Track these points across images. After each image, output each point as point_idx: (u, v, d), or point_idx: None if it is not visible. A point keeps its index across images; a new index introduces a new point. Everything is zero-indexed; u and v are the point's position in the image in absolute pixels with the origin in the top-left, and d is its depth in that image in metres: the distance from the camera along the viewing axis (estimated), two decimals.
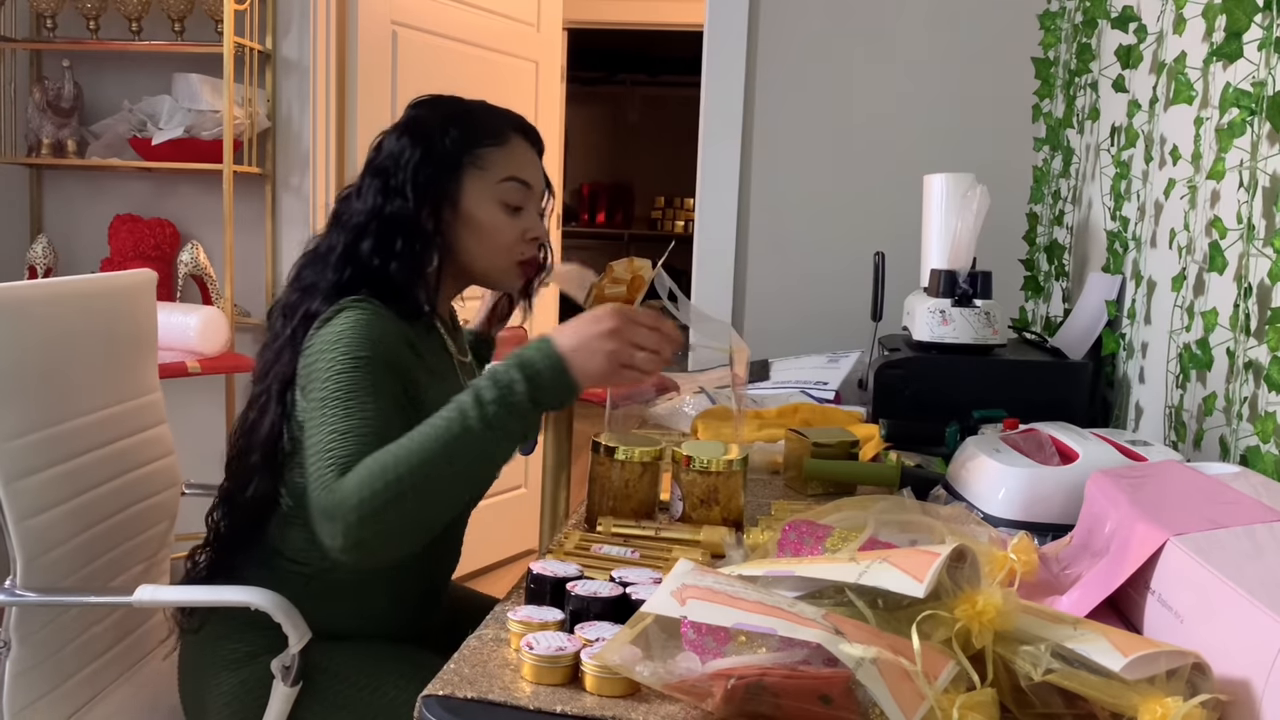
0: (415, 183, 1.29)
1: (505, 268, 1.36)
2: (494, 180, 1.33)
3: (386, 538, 1.08)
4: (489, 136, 1.34)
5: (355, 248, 1.29)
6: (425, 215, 1.29)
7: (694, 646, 0.75)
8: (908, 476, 1.37)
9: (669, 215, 7.17)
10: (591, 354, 1.10)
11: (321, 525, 1.08)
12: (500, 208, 1.34)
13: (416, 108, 1.37)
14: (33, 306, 1.37)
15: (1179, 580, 0.79)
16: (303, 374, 1.22)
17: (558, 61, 3.70)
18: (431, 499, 1.08)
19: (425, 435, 1.08)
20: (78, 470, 1.42)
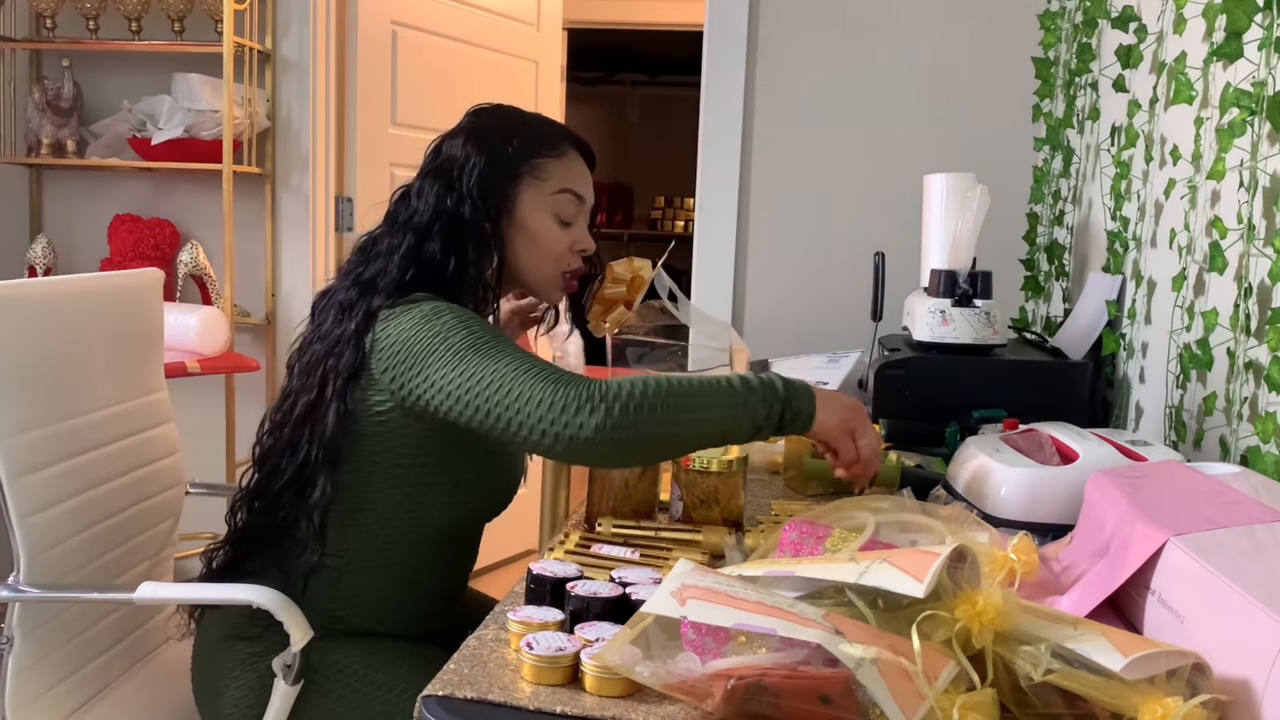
0: (478, 187, 1.31)
1: (551, 277, 1.38)
2: (550, 191, 1.35)
3: (639, 439, 1.10)
4: (548, 148, 1.36)
5: (420, 247, 1.30)
6: (485, 219, 1.31)
7: (694, 646, 0.75)
8: (908, 476, 1.37)
9: (669, 215, 7.16)
10: (836, 408, 1.17)
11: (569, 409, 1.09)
12: (553, 218, 1.35)
13: (479, 114, 1.39)
14: (38, 304, 1.38)
15: (1179, 580, 0.79)
16: (392, 355, 1.20)
17: (558, 61, 3.70)
18: (686, 424, 1.11)
19: (693, 379, 1.14)
20: (82, 467, 1.42)
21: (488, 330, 1.19)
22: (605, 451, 1.11)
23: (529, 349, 1.21)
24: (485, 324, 1.20)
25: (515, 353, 1.15)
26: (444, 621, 1.42)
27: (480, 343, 1.16)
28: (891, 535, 0.91)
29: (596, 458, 1.12)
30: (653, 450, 1.13)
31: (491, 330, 1.19)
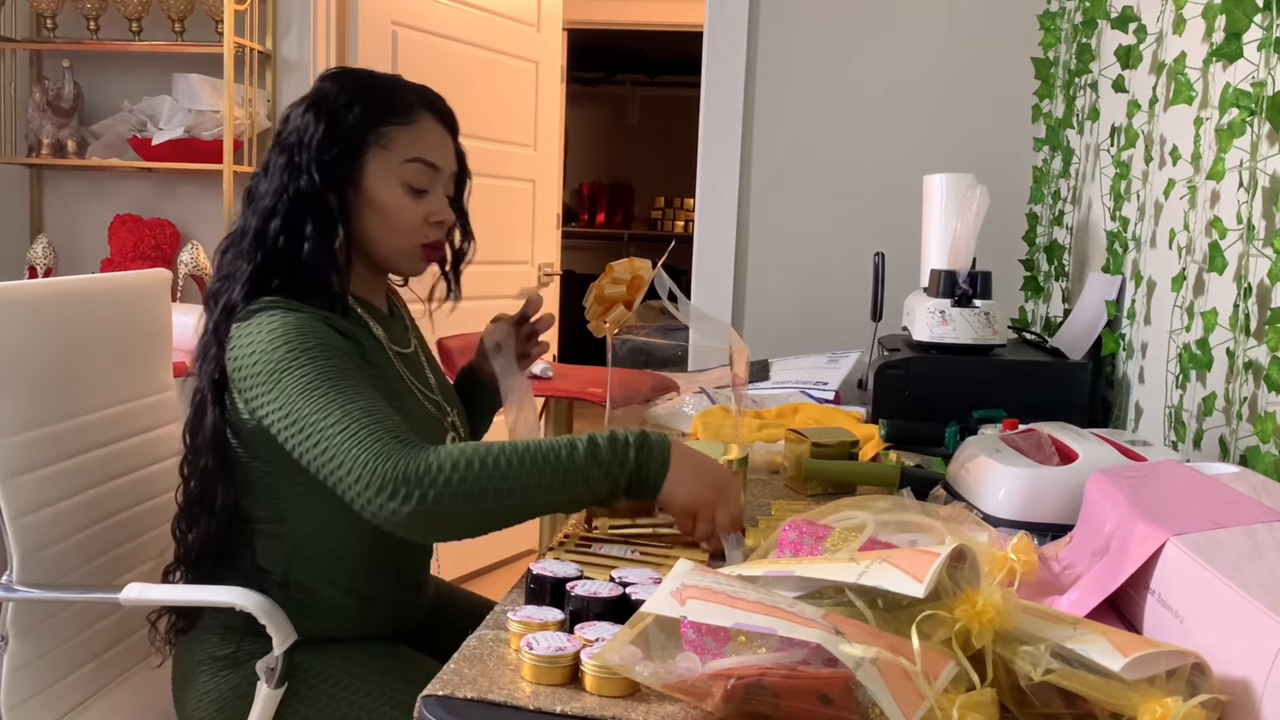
0: (319, 160, 1.25)
1: (408, 251, 1.32)
2: (398, 160, 1.28)
3: (451, 521, 1.08)
4: (396, 114, 1.29)
5: (265, 230, 1.26)
6: (328, 194, 1.25)
7: (694, 646, 0.75)
8: (908, 476, 1.37)
9: (669, 215, 7.16)
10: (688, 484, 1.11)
11: (394, 489, 1.06)
12: (403, 189, 1.29)
13: (323, 80, 1.33)
14: (36, 305, 1.38)
15: (1179, 580, 0.79)
16: (241, 378, 1.19)
17: (558, 61, 3.70)
18: (505, 506, 1.09)
19: (530, 450, 1.09)
20: (80, 468, 1.42)
21: (321, 367, 1.14)
22: (419, 532, 1.09)
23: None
24: (323, 352, 1.16)
25: (344, 404, 1.11)
26: (412, 618, 1.41)
27: (310, 388, 1.13)
28: (891, 535, 0.91)
29: (413, 535, 1.10)
30: (473, 528, 1.10)
31: (325, 367, 1.15)
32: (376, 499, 1.07)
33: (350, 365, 1.18)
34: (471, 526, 1.10)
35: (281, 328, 1.18)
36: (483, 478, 1.07)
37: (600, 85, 7.07)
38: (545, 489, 1.09)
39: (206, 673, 1.30)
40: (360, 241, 1.31)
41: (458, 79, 3.19)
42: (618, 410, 1.49)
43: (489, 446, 1.10)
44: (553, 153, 3.68)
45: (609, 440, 1.11)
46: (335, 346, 1.18)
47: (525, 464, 1.08)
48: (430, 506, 1.06)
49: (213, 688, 1.29)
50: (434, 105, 1.34)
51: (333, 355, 1.17)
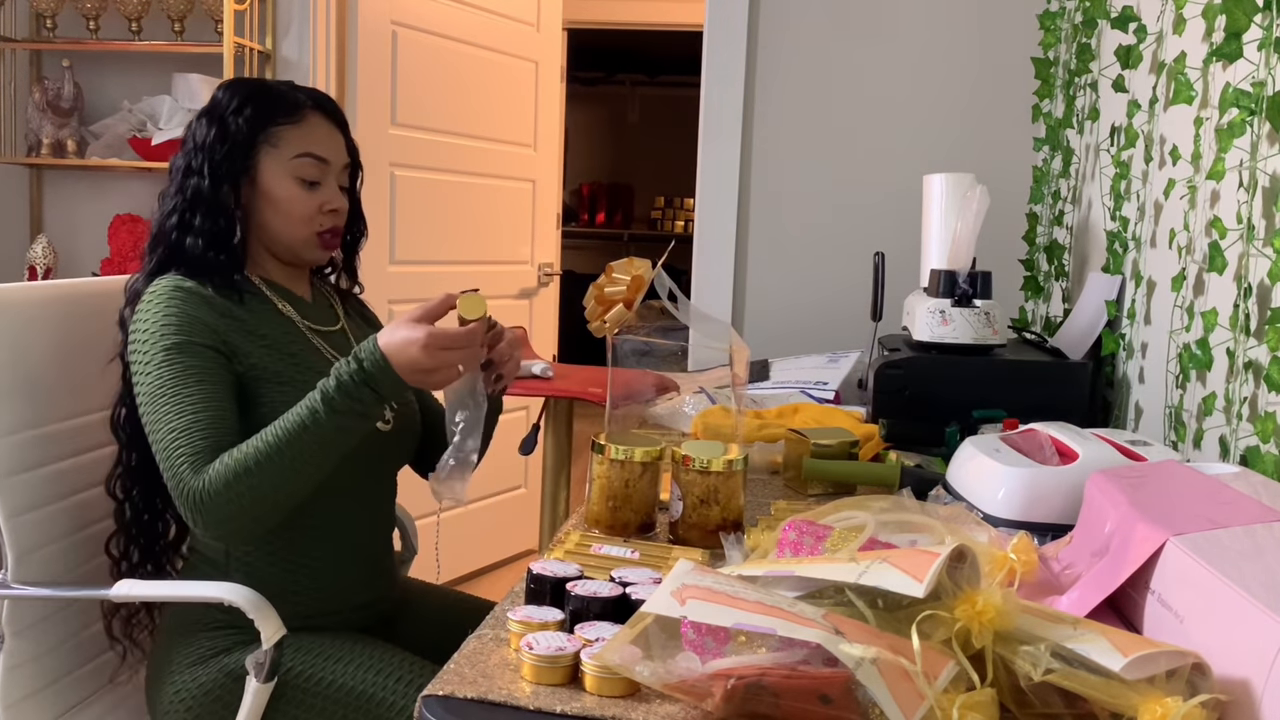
0: (212, 161, 1.37)
1: (305, 239, 1.42)
2: (288, 156, 1.39)
3: (246, 526, 1.23)
4: (283, 114, 1.40)
5: (163, 226, 1.39)
6: (224, 192, 1.37)
7: (694, 646, 0.75)
8: (908, 476, 1.37)
9: (669, 215, 7.16)
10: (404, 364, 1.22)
11: (187, 515, 1.23)
12: (296, 183, 1.40)
13: (219, 89, 1.44)
14: (34, 307, 1.38)
15: (1179, 580, 0.79)
16: (130, 362, 1.31)
17: (558, 61, 3.70)
18: (286, 489, 1.23)
19: (280, 434, 1.22)
20: (75, 468, 1.42)
21: (181, 366, 1.26)
22: (230, 541, 1.28)
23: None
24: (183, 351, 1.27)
25: (174, 419, 1.24)
26: (368, 594, 1.44)
27: (156, 393, 1.26)
28: (891, 535, 0.91)
29: (231, 543, 1.29)
30: (271, 519, 1.25)
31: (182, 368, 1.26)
32: (190, 519, 1.23)
33: (204, 360, 1.28)
34: (269, 520, 1.25)
35: (154, 315, 1.29)
36: (255, 483, 1.21)
37: (600, 85, 7.08)
38: (312, 461, 1.23)
39: (176, 673, 1.32)
40: (262, 234, 1.42)
41: (458, 79, 3.19)
42: (618, 410, 1.49)
43: (250, 449, 1.22)
44: (553, 153, 3.69)
45: (337, 386, 1.22)
46: (196, 342, 1.28)
47: (286, 452, 1.21)
48: (225, 524, 1.22)
49: (181, 687, 1.31)
50: (321, 104, 1.45)
51: (188, 352, 1.28)
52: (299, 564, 1.37)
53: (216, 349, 1.30)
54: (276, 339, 1.37)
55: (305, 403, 1.23)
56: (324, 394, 1.23)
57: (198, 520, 1.22)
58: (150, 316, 1.29)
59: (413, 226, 3.12)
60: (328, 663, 1.30)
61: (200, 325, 1.30)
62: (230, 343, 1.32)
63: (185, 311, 1.29)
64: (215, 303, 1.33)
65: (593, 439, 1.22)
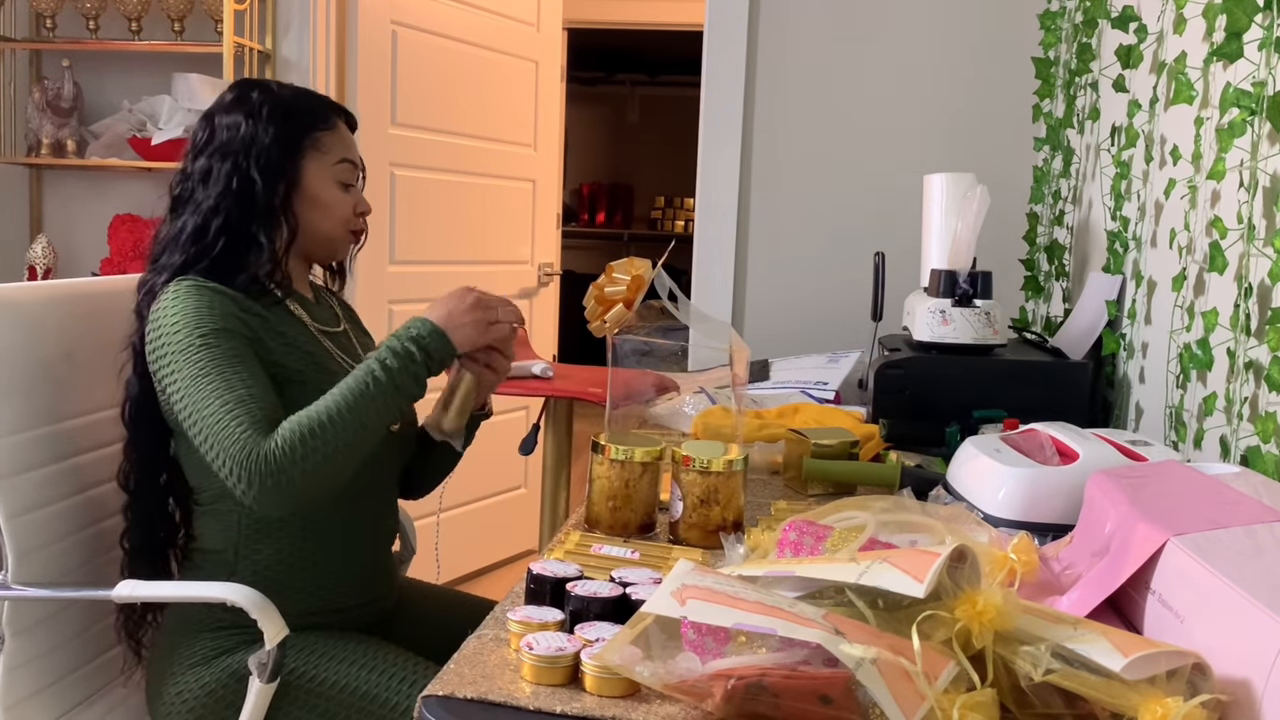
0: (265, 166, 1.40)
1: (342, 238, 1.50)
2: (332, 162, 1.46)
3: (311, 487, 1.24)
4: (322, 122, 1.46)
5: (206, 228, 1.38)
6: (274, 196, 1.41)
7: (694, 647, 0.75)
8: (908, 476, 1.37)
9: (669, 215, 7.16)
10: (460, 323, 1.34)
11: (253, 483, 1.21)
12: (338, 186, 1.46)
13: (252, 91, 1.45)
14: (34, 307, 1.38)
15: (1179, 580, 0.79)
16: (153, 358, 1.31)
17: (558, 61, 3.70)
18: (350, 449, 1.26)
19: (344, 394, 1.26)
20: (75, 469, 1.42)
21: (219, 351, 1.28)
22: (291, 501, 1.24)
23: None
24: (217, 337, 1.29)
25: (224, 393, 1.25)
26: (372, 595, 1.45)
27: (199, 375, 1.26)
28: (891, 535, 0.91)
29: (281, 511, 1.25)
30: (337, 480, 1.26)
31: (220, 353, 1.28)
32: (239, 486, 1.22)
33: (241, 346, 1.30)
34: (335, 481, 1.26)
35: (184, 308, 1.30)
36: (324, 441, 1.23)
37: (600, 85, 7.08)
38: (374, 422, 1.27)
39: (178, 673, 1.32)
40: (304, 235, 1.45)
41: (458, 79, 3.19)
42: (618, 410, 1.49)
43: (316, 411, 1.25)
44: (553, 152, 3.69)
45: (390, 353, 1.29)
46: (230, 329, 1.30)
47: (352, 411, 1.25)
48: (293, 485, 1.22)
49: (184, 688, 1.31)
50: (342, 111, 1.51)
51: (225, 338, 1.29)
52: (305, 562, 1.37)
53: (248, 338, 1.32)
54: (294, 338, 1.39)
55: (363, 368, 1.28)
56: (379, 359, 1.28)
57: (266, 483, 1.21)
58: (179, 309, 1.30)
59: (413, 226, 3.12)
60: (330, 663, 1.30)
61: (232, 317, 1.32)
62: (258, 337, 1.34)
63: (215, 304, 1.31)
64: (239, 300, 1.35)
65: (593, 439, 1.22)
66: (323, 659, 1.30)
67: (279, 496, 1.22)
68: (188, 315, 1.29)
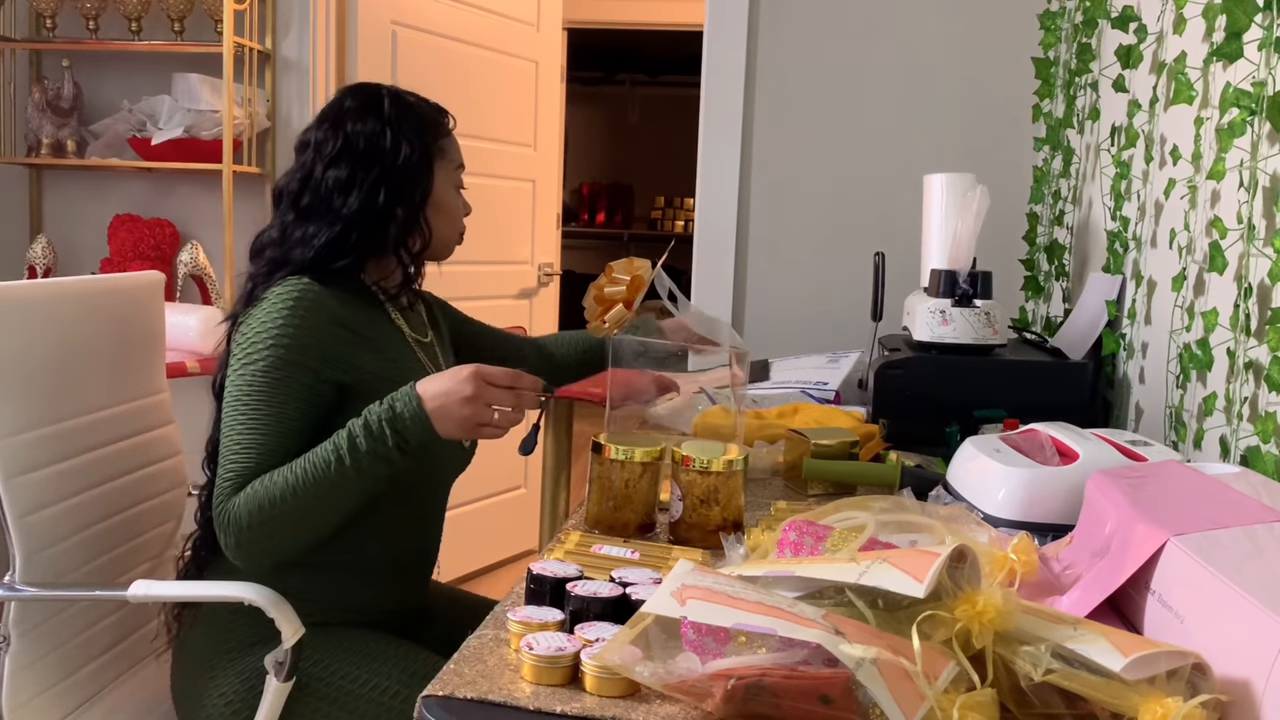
0: (413, 177, 1.40)
1: (455, 240, 1.51)
2: (452, 167, 1.47)
3: (269, 554, 1.24)
4: (441, 128, 1.47)
5: (347, 237, 1.36)
6: (419, 207, 1.41)
7: (694, 647, 0.75)
8: (908, 476, 1.37)
9: (669, 215, 7.16)
10: (449, 416, 1.22)
11: (217, 530, 1.24)
12: (455, 190, 1.48)
13: (379, 98, 1.43)
14: (37, 305, 1.38)
15: (1179, 580, 0.79)
16: (234, 344, 1.32)
17: (558, 61, 3.70)
18: (307, 526, 1.24)
19: (305, 472, 1.22)
20: (80, 468, 1.42)
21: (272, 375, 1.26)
22: (253, 564, 1.25)
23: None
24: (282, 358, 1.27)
25: (245, 432, 1.25)
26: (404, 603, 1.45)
27: (239, 397, 1.26)
28: (891, 535, 0.91)
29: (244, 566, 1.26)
30: (296, 542, 1.25)
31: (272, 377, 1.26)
32: (218, 535, 1.24)
33: (298, 381, 1.28)
34: (283, 551, 1.25)
35: (277, 316, 1.28)
36: (273, 517, 1.21)
37: (600, 85, 7.08)
38: (330, 503, 1.23)
39: (220, 666, 1.31)
40: (430, 240, 1.45)
41: (458, 79, 3.19)
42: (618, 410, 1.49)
43: (275, 483, 1.22)
44: (553, 152, 3.68)
45: (364, 430, 1.22)
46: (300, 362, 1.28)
47: (305, 491, 1.21)
48: (244, 548, 1.23)
49: (228, 689, 1.30)
50: (449, 114, 1.51)
51: (288, 368, 1.27)
52: (352, 567, 1.37)
53: (317, 371, 1.29)
54: (385, 346, 1.39)
55: (332, 442, 1.23)
56: (350, 435, 1.22)
57: (229, 540, 1.23)
58: (271, 317, 1.29)
59: None
60: (352, 657, 1.30)
61: (312, 344, 1.29)
62: (339, 357, 1.31)
63: (305, 324, 1.29)
64: (337, 313, 1.32)
65: (593, 439, 1.22)
66: (345, 655, 1.30)
67: (238, 554, 1.24)
68: (274, 327, 1.28)
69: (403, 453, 1.23)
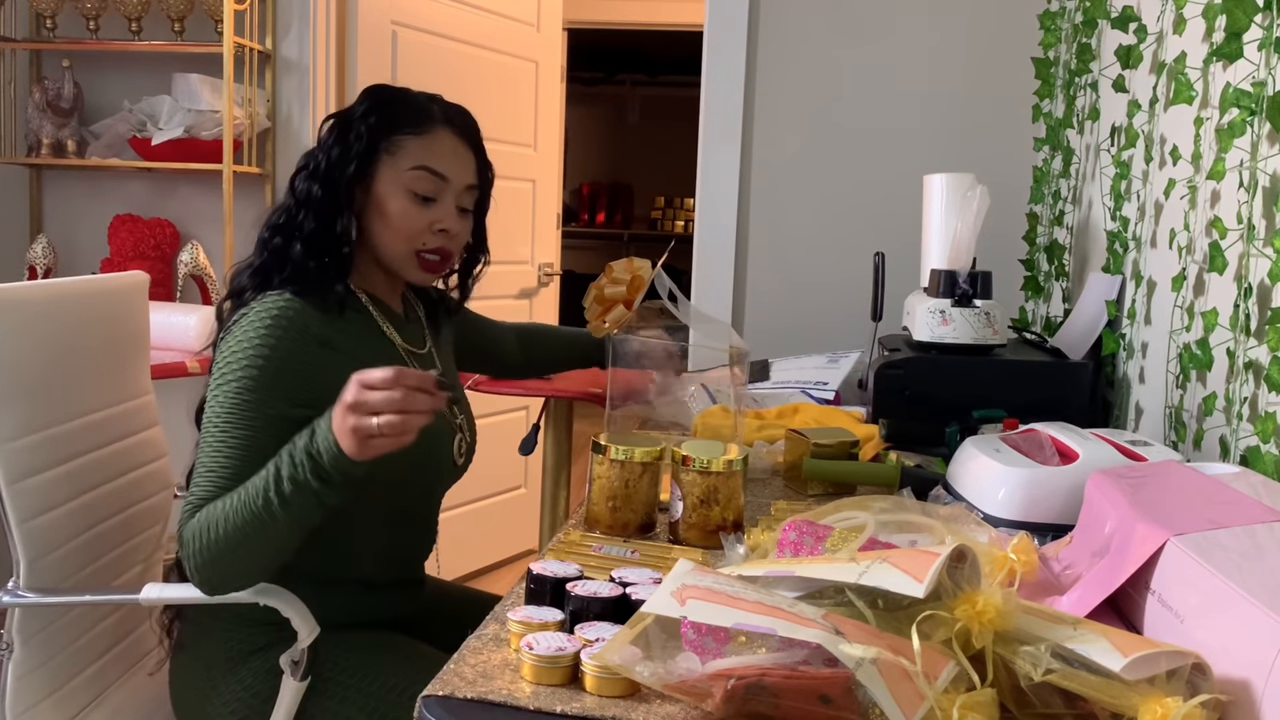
0: (329, 163, 1.33)
1: (404, 256, 1.36)
2: (405, 168, 1.34)
3: (221, 581, 1.21)
4: (408, 124, 1.35)
5: (274, 227, 1.34)
6: (339, 196, 1.33)
7: (694, 646, 0.75)
8: (908, 476, 1.37)
9: (669, 215, 7.16)
10: (344, 434, 1.11)
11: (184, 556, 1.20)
12: (408, 196, 1.34)
13: (362, 93, 1.41)
14: (32, 307, 1.38)
15: (1179, 580, 0.79)
16: (212, 371, 1.27)
17: (558, 61, 3.70)
18: (245, 556, 1.18)
19: (240, 501, 1.16)
20: (78, 471, 1.42)
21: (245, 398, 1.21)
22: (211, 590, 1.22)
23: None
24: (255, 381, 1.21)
25: (216, 455, 1.20)
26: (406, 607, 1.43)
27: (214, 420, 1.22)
28: (891, 535, 0.91)
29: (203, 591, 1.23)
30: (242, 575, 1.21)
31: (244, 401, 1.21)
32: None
33: (268, 405, 1.22)
34: (234, 580, 1.21)
35: (252, 341, 1.24)
36: (211, 545, 1.17)
37: (600, 85, 7.08)
38: (263, 534, 1.16)
39: (235, 669, 1.31)
40: (369, 244, 1.37)
41: (458, 79, 3.19)
42: (617, 410, 1.49)
43: (216, 510, 1.17)
44: (553, 152, 3.68)
45: (287, 457, 1.15)
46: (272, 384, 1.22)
47: (238, 520, 1.15)
48: (198, 575, 1.19)
49: (235, 693, 1.30)
50: (453, 120, 1.39)
51: (259, 391, 1.22)
52: (357, 579, 1.37)
53: (291, 395, 1.24)
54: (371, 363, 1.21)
55: (265, 469, 1.16)
56: (275, 463, 1.16)
57: (188, 563, 1.19)
58: (247, 337, 1.24)
59: None
60: (357, 654, 1.30)
61: (288, 367, 1.24)
62: (316, 380, 1.24)
63: (281, 344, 1.23)
64: (315, 330, 1.27)
65: (593, 439, 1.22)
66: (352, 653, 1.30)
67: (197, 583, 1.20)
68: (249, 349, 1.23)
69: (324, 481, 1.13)
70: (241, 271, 1.36)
